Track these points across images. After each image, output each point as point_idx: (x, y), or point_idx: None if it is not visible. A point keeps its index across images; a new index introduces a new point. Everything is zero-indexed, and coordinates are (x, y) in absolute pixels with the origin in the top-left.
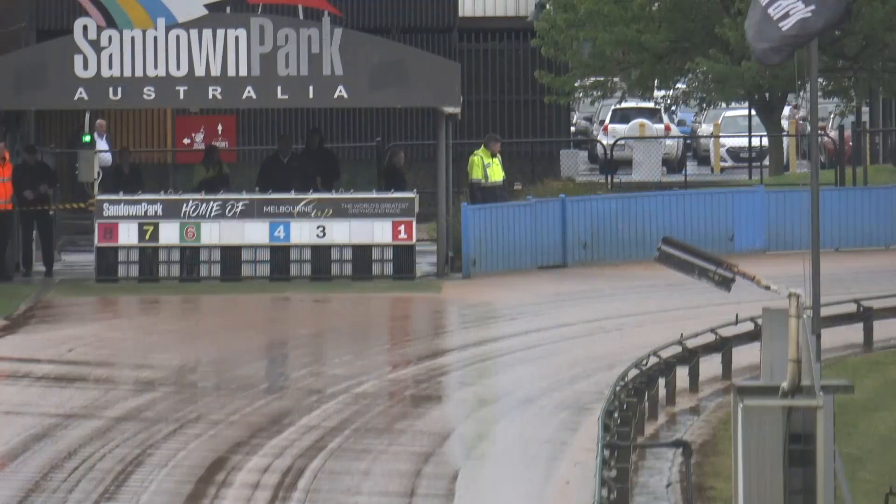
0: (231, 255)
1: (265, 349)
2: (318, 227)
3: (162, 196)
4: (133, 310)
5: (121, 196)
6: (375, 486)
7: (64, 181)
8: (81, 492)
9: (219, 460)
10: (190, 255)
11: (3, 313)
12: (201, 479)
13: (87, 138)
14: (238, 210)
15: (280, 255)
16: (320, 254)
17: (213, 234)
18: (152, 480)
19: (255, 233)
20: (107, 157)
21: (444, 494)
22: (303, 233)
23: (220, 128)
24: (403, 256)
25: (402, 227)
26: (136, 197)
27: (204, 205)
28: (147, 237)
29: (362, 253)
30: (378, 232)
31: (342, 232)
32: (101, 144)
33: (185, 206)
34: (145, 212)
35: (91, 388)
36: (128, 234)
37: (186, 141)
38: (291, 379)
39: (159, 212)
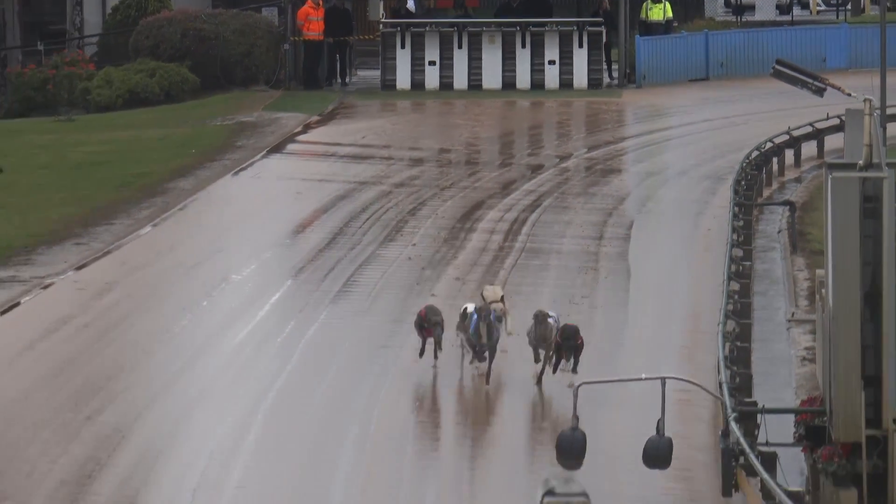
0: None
1: (498, 137)
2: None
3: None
4: (406, 110)
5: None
6: (576, 231)
7: (359, 19)
8: (372, 234)
9: (467, 212)
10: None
11: (316, 111)
12: (454, 227)
13: None
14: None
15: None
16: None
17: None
18: (421, 227)
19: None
20: (411, 4)
21: (623, 237)
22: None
23: None
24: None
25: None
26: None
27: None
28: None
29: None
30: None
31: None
32: None
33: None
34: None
35: (377, 164)
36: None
37: None
38: (517, 157)
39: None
